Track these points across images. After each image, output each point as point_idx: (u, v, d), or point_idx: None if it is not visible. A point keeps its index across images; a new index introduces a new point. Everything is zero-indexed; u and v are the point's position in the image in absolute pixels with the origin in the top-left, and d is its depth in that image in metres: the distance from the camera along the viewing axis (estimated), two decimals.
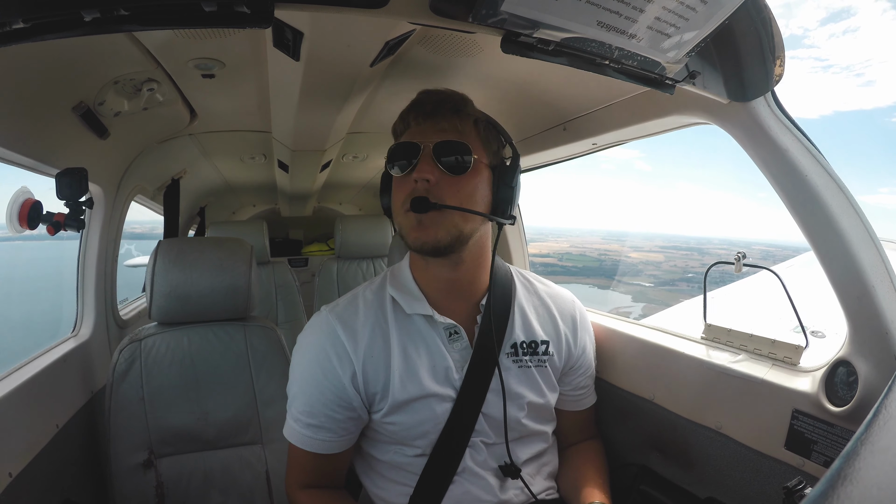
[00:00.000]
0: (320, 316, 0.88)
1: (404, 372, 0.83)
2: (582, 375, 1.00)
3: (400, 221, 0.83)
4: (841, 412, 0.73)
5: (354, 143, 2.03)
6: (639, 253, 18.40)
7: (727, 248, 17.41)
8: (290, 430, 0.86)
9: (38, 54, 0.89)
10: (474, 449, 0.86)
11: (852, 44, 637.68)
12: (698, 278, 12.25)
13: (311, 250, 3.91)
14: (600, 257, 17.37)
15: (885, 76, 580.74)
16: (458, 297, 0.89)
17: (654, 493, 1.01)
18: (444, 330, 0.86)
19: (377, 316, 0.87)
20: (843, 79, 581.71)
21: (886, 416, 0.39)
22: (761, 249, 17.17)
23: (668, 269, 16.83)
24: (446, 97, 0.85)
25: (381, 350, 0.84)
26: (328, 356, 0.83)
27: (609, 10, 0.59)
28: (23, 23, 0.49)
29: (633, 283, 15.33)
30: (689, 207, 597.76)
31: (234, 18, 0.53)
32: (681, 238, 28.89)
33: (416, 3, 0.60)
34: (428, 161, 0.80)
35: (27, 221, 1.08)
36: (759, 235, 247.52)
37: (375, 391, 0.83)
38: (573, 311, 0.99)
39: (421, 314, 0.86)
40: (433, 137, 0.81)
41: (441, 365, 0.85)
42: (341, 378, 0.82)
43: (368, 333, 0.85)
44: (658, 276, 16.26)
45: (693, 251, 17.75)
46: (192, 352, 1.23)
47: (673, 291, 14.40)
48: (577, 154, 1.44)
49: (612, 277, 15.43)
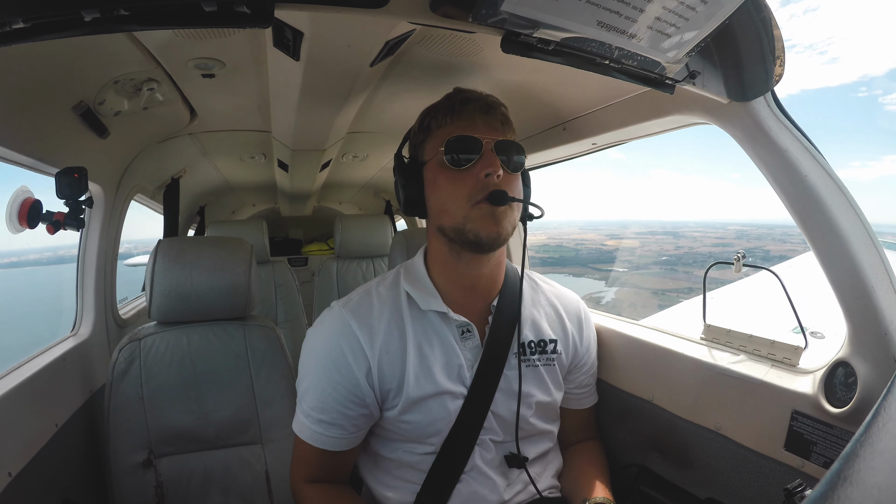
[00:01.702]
0: (333, 311, 0.87)
1: (419, 369, 0.83)
2: (586, 374, 1.01)
3: (465, 214, 0.80)
4: (840, 413, 0.73)
5: (354, 143, 2.03)
6: (614, 241, 18.70)
7: (701, 230, 17.61)
8: (300, 425, 0.86)
9: (38, 54, 0.89)
10: (483, 447, 0.87)
11: (813, 23, 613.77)
12: (671, 261, 12.26)
13: (311, 250, 3.91)
14: (576, 247, 17.62)
15: (847, 53, 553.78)
16: (474, 295, 0.89)
17: (653, 494, 1.01)
18: (458, 328, 0.87)
19: (393, 311, 0.86)
20: (808, 57, 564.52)
21: (886, 418, 0.39)
22: (736, 229, 17.36)
23: (642, 253, 17.19)
24: (496, 101, 0.87)
25: (398, 346, 0.84)
26: (342, 352, 0.82)
27: (609, 9, 0.59)
28: (23, 23, 0.49)
29: (607, 269, 15.71)
30: (663, 193, 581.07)
31: (234, 18, 0.53)
32: (657, 223, 29.43)
33: (416, 3, 0.60)
34: (495, 157, 0.81)
35: (27, 220, 1.08)
36: (734, 216, 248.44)
37: (390, 388, 0.83)
38: (578, 310, 1.01)
39: (436, 311, 0.86)
40: (492, 135, 0.82)
41: (454, 362, 0.85)
42: (356, 374, 0.82)
43: (384, 328, 0.84)
44: (632, 261, 16.66)
45: (668, 235, 18.06)
46: (192, 351, 1.23)
47: (645, 274, 14.73)
48: (576, 154, 1.44)
49: (588, 265, 15.81)
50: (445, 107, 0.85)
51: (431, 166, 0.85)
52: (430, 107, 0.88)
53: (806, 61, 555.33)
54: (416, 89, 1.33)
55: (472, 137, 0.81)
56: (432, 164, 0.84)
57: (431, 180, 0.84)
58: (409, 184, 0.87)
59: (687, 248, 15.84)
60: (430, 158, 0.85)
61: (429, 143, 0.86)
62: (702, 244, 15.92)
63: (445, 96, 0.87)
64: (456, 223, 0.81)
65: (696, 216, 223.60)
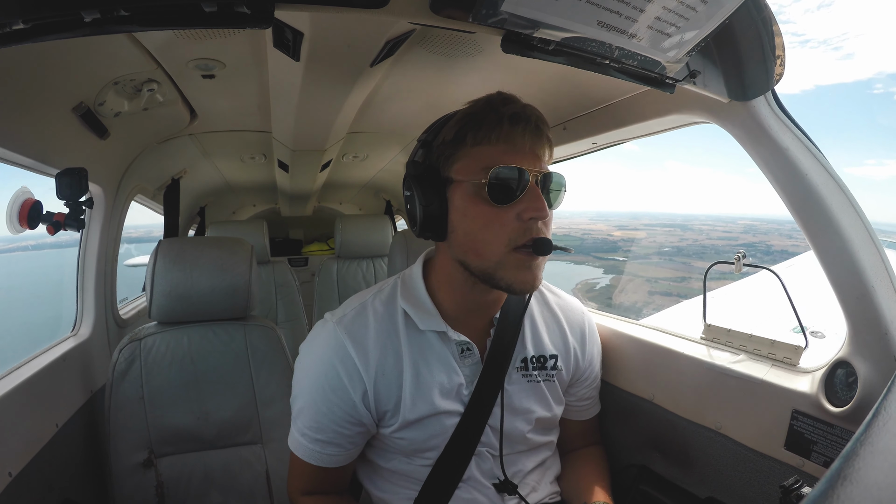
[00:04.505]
0: (326, 327, 0.82)
1: (415, 390, 0.81)
2: (588, 387, 0.99)
3: (499, 259, 0.71)
4: (840, 413, 0.73)
5: (354, 143, 2.03)
6: (622, 231, 18.86)
7: (710, 224, 17.74)
8: (296, 443, 0.83)
9: (38, 54, 0.89)
10: (480, 458, 0.86)
11: (828, 18, 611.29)
12: (672, 252, 12.44)
13: (311, 250, 3.91)
14: (583, 236, 17.82)
15: (862, 49, 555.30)
16: (476, 314, 0.85)
17: (653, 493, 1.01)
18: (457, 346, 0.83)
19: (388, 331, 0.82)
20: (822, 53, 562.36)
21: (886, 417, 0.39)
22: (746, 224, 17.51)
23: (646, 244, 17.40)
24: (536, 112, 0.74)
25: (393, 367, 0.80)
26: (338, 374, 0.79)
27: (609, 9, 0.59)
28: (23, 23, 0.49)
29: (608, 257, 15.90)
30: (677, 186, 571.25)
31: (234, 19, 0.53)
32: (667, 216, 29.76)
33: (416, 3, 0.60)
34: (540, 195, 0.71)
35: (27, 221, 1.08)
36: (744, 210, 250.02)
37: (387, 409, 0.81)
38: (582, 323, 0.97)
39: (434, 330, 0.82)
40: (538, 165, 0.73)
41: (454, 381, 0.82)
42: (352, 396, 0.79)
43: (380, 350, 0.80)
44: (634, 251, 16.88)
45: (676, 227, 18.22)
46: (192, 351, 1.23)
47: (644, 264, 14.91)
48: (576, 154, 1.44)
49: (590, 254, 16.00)
50: (491, 121, 0.72)
51: (463, 190, 0.72)
52: (468, 113, 0.74)
53: (820, 57, 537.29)
54: (416, 89, 1.33)
55: (521, 170, 0.70)
56: (464, 188, 0.72)
57: (460, 208, 0.73)
58: (431, 203, 0.74)
59: (691, 241, 15.94)
60: (462, 179, 0.72)
61: (462, 161, 0.73)
62: (707, 237, 16.00)
63: (488, 104, 0.74)
64: (486, 267, 0.72)
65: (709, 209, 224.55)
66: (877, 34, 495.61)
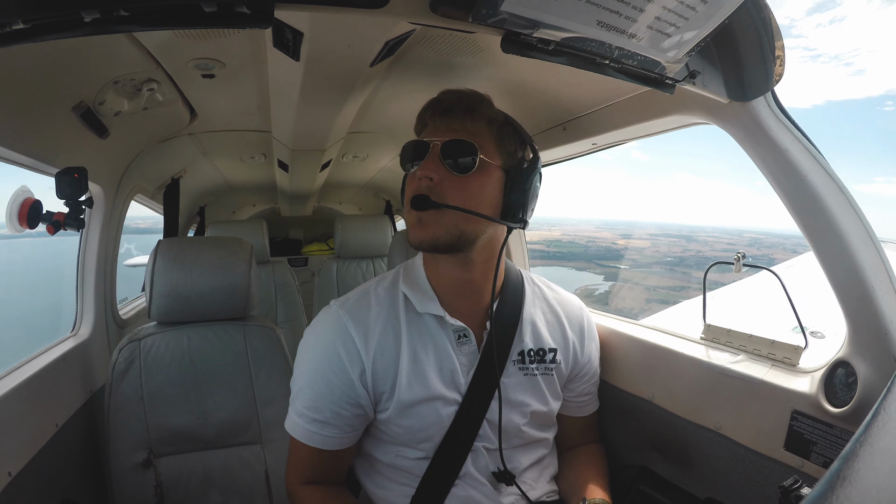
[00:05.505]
0: (330, 310, 0.87)
1: (412, 372, 0.82)
2: (586, 383, 0.99)
3: (405, 217, 0.84)
4: (840, 413, 0.73)
5: (354, 143, 2.03)
6: (626, 240, 19.01)
7: (716, 237, 17.85)
8: (293, 424, 0.85)
9: (38, 54, 0.89)
10: (476, 454, 0.86)
11: (840, 33, 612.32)
12: (675, 262, 12.61)
13: (311, 250, 3.91)
14: (587, 244, 17.97)
15: (874, 65, 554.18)
16: (469, 298, 0.87)
17: (653, 494, 1.01)
18: (454, 332, 0.85)
19: (389, 313, 0.85)
20: (833, 68, 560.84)
21: (885, 418, 0.39)
22: (752, 237, 17.59)
23: (649, 254, 17.58)
24: (462, 97, 0.84)
25: (392, 348, 0.83)
26: (337, 352, 0.82)
27: (609, 9, 0.59)
28: (23, 23, 0.49)
29: (610, 265, 16.09)
30: (685, 197, 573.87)
31: (234, 19, 0.53)
32: (674, 226, 29.94)
33: (416, 3, 0.60)
34: (434, 159, 0.79)
35: (27, 221, 1.08)
36: (751, 224, 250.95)
37: (383, 390, 0.83)
38: (581, 319, 0.98)
39: (432, 314, 0.85)
40: (444, 136, 0.80)
41: (448, 367, 0.84)
42: (350, 375, 0.81)
43: (380, 330, 0.83)
44: (637, 259, 17.05)
45: (681, 238, 18.35)
46: (192, 351, 1.23)
47: (644, 272, 15.04)
48: (576, 154, 1.44)
49: (592, 261, 16.15)
50: (422, 113, 0.87)
51: None
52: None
53: (832, 72, 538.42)
54: (416, 89, 1.33)
55: (419, 141, 0.82)
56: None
57: None
58: (402, 190, 0.89)
59: (695, 252, 16.01)
60: None
61: None
62: (711, 249, 16.10)
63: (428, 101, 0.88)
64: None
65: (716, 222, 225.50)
66: (889, 51, 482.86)
